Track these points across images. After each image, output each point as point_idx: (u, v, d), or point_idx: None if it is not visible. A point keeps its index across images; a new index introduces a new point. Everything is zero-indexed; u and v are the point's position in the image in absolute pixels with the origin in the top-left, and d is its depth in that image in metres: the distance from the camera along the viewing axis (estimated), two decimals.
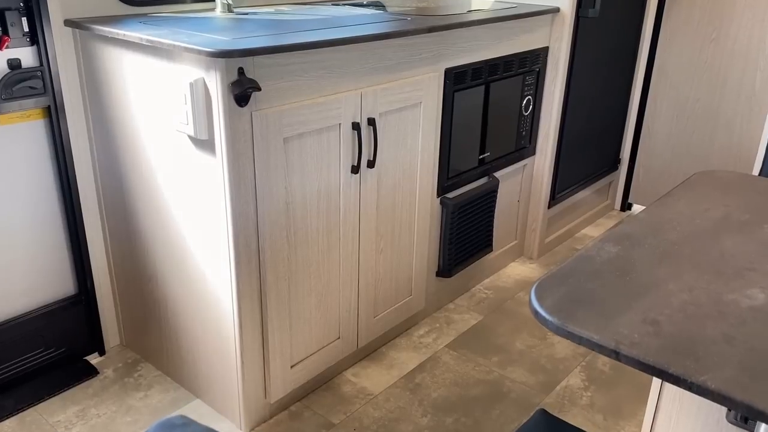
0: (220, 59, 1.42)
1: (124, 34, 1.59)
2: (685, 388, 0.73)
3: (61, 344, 1.98)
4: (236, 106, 1.47)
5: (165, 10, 1.96)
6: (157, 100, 1.62)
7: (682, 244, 1.03)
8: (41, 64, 1.72)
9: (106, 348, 2.09)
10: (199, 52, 1.41)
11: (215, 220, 1.60)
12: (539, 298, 0.87)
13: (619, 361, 0.77)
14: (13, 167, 1.76)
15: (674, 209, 1.16)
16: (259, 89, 1.47)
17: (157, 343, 1.98)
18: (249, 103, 1.49)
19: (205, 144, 1.53)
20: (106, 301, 2.06)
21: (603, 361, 2.12)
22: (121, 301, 2.07)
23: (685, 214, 1.15)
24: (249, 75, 1.47)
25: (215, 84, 1.45)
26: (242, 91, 1.45)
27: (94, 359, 2.05)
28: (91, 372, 1.98)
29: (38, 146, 1.80)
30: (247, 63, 1.46)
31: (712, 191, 1.25)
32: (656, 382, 1.29)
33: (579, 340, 0.80)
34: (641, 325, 0.82)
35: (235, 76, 1.45)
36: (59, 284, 1.94)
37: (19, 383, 1.90)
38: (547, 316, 0.83)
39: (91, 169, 1.92)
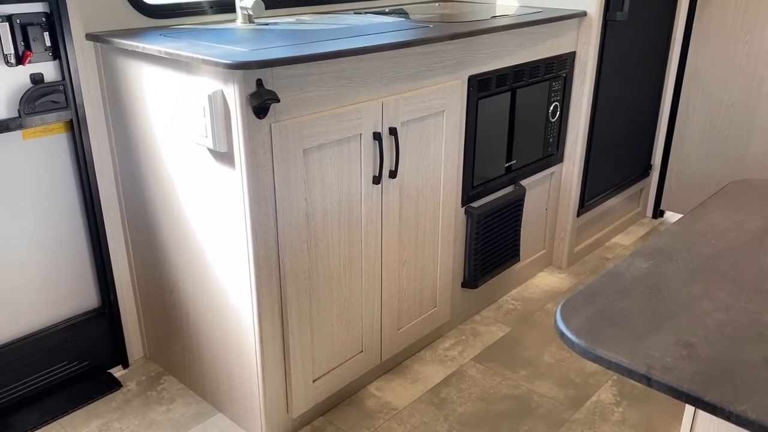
0: (238, 71, 1.40)
1: (144, 47, 1.58)
2: (722, 418, 0.68)
3: (84, 357, 1.98)
4: (255, 117, 1.45)
5: (186, 22, 1.95)
6: (176, 112, 1.61)
7: (718, 258, 0.98)
8: (63, 78, 1.73)
9: (130, 361, 2.09)
10: (217, 64, 1.40)
11: (235, 233, 1.58)
12: (565, 319, 0.82)
13: (651, 387, 0.73)
14: (36, 181, 1.77)
15: (708, 221, 1.11)
16: (278, 100, 1.45)
17: (179, 356, 1.97)
18: (268, 114, 1.47)
19: (225, 156, 1.52)
20: (130, 313, 2.06)
21: None
22: (144, 314, 2.06)
23: (720, 226, 1.09)
24: (268, 86, 1.45)
25: (234, 96, 1.43)
26: (261, 103, 1.43)
27: (117, 372, 2.05)
28: (115, 385, 1.98)
29: (61, 160, 1.80)
30: (265, 74, 1.44)
31: (749, 201, 1.19)
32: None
33: (608, 364, 0.75)
34: (674, 347, 0.77)
35: (253, 88, 1.43)
36: (83, 297, 1.95)
37: (44, 396, 1.90)
38: (574, 339, 0.78)
39: (113, 182, 1.92)
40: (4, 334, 1.81)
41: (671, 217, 3.22)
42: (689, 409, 1.24)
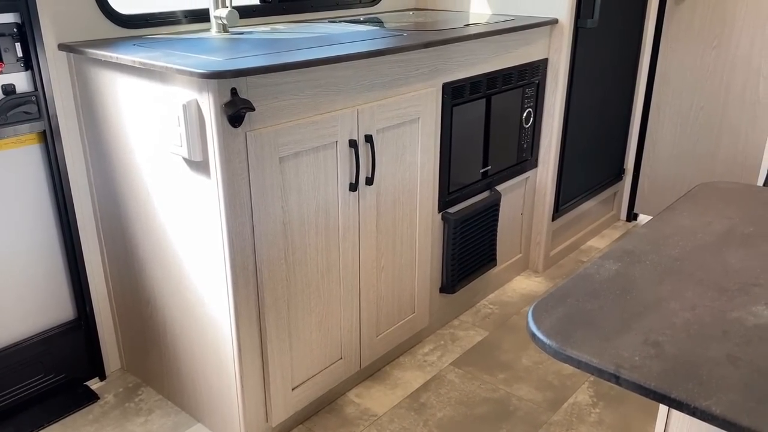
0: (212, 80, 1.41)
1: (117, 57, 1.58)
2: (688, 413, 0.70)
3: (60, 370, 1.96)
4: (230, 126, 1.45)
5: (160, 31, 1.95)
6: (151, 122, 1.61)
7: (685, 259, 1.00)
8: (36, 89, 1.72)
9: (107, 372, 2.07)
10: (191, 73, 1.40)
11: (211, 242, 1.58)
12: (537, 321, 0.84)
13: (620, 385, 0.74)
14: (9, 193, 1.75)
15: (676, 223, 1.13)
16: (253, 109, 1.46)
17: (157, 367, 1.96)
18: (243, 123, 1.47)
19: (200, 165, 1.52)
20: (106, 325, 2.04)
21: None
22: (121, 325, 2.05)
23: (687, 228, 1.12)
24: (243, 95, 1.46)
25: (208, 105, 1.43)
26: (236, 112, 1.43)
27: (94, 384, 2.03)
28: (92, 397, 1.96)
29: (34, 171, 1.79)
30: (240, 83, 1.45)
31: (716, 203, 1.22)
32: None
33: (578, 364, 0.77)
34: (642, 346, 0.79)
35: (228, 97, 1.43)
36: (58, 309, 1.93)
37: (19, 410, 1.88)
38: (545, 340, 0.80)
39: (88, 193, 1.91)
40: None
41: (644, 220, 3.27)
42: (663, 407, 1.26)
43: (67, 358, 1.96)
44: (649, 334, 0.81)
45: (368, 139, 1.78)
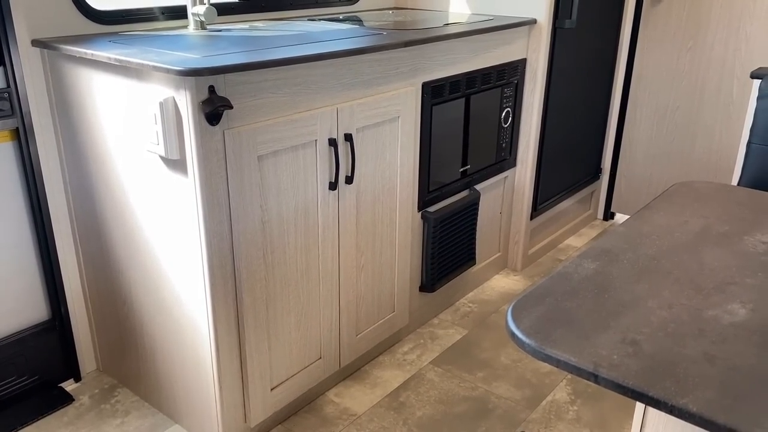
0: (189, 78, 1.39)
1: (92, 54, 1.55)
2: (665, 412, 0.70)
3: (34, 371, 1.92)
4: (207, 124, 1.44)
5: (136, 28, 1.93)
6: (127, 120, 1.59)
7: (661, 258, 1.01)
8: (8, 86, 1.68)
9: (82, 374, 2.04)
10: (168, 70, 1.38)
11: (189, 242, 1.56)
12: (516, 320, 0.84)
13: (598, 384, 0.75)
14: None
15: (653, 222, 1.15)
16: (231, 107, 1.45)
17: (134, 367, 1.93)
18: (221, 121, 1.46)
19: (177, 164, 1.50)
20: (81, 325, 2.01)
21: None
22: (96, 326, 2.02)
23: (663, 227, 1.13)
24: (220, 93, 1.44)
25: (185, 103, 1.42)
26: (213, 110, 1.42)
27: (69, 386, 2.00)
28: (67, 399, 1.93)
29: (6, 169, 1.75)
30: (218, 81, 1.43)
31: (691, 203, 1.24)
32: None
33: (557, 363, 0.77)
34: (620, 345, 0.79)
35: (205, 95, 1.42)
36: (31, 310, 1.89)
37: None
38: (525, 339, 0.80)
39: (63, 192, 1.87)
40: None
41: (621, 218, 3.31)
42: (640, 405, 1.28)
43: (42, 360, 1.93)
44: (627, 333, 0.82)
45: (348, 137, 1.77)
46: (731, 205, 1.23)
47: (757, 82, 1.74)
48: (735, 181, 1.83)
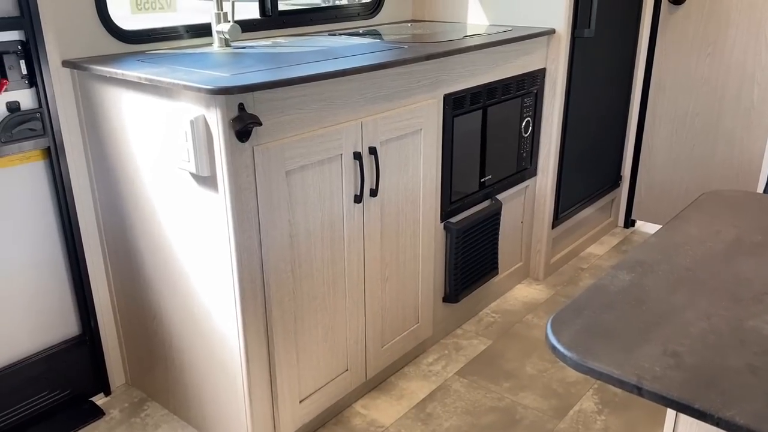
0: (220, 96, 1.41)
1: (123, 74, 1.58)
2: (711, 424, 0.71)
3: (66, 386, 1.95)
4: (237, 141, 1.46)
5: (162, 47, 1.96)
6: (157, 137, 1.62)
7: (696, 269, 1.02)
8: (40, 106, 1.72)
9: (112, 388, 2.06)
10: (199, 89, 1.41)
11: (219, 256, 1.58)
12: (556, 333, 0.85)
13: (642, 396, 0.75)
14: (14, 209, 1.75)
15: (685, 232, 1.15)
16: (260, 124, 1.47)
17: (163, 381, 1.95)
18: (250, 138, 1.48)
19: (207, 180, 1.52)
20: (111, 340, 2.04)
21: None
22: (125, 340, 2.04)
23: (696, 237, 1.13)
24: (249, 110, 1.47)
25: (216, 121, 1.44)
26: (243, 127, 1.44)
27: (99, 400, 2.02)
28: (97, 413, 1.95)
29: (39, 187, 1.79)
30: (247, 98, 1.46)
31: (722, 212, 1.24)
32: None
33: (599, 375, 0.78)
34: (662, 357, 0.80)
35: (235, 112, 1.44)
36: (63, 325, 1.92)
37: (26, 427, 1.87)
38: (566, 352, 0.81)
39: (93, 209, 1.91)
40: None
41: (642, 226, 3.30)
42: (670, 415, 1.27)
43: (72, 374, 1.96)
44: (668, 345, 0.82)
45: (372, 151, 1.79)
46: (762, 215, 1.23)
47: None
48: (761, 188, 1.82)
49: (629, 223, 3.28)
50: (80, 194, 1.86)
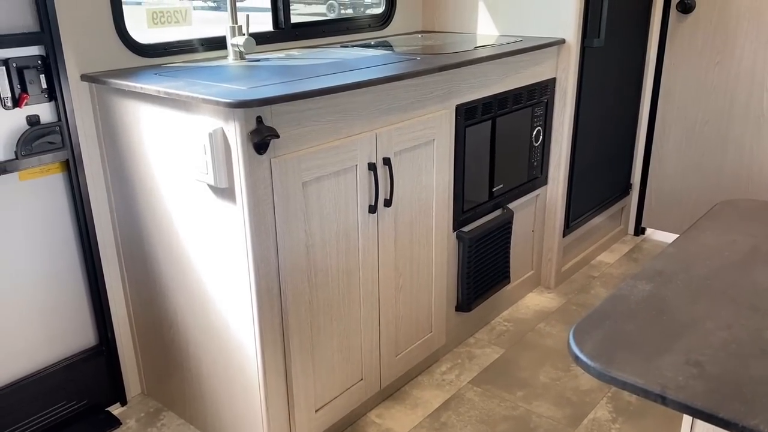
0: (238, 109, 1.43)
1: (142, 87, 1.61)
2: None
3: (83, 396, 1.97)
4: (255, 153, 1.48)
5: (177, 60, 1.99)
6: (174, 150, 1.64)
7: (714, 278, 1.03)
8: (59, 119, 1.75)
9: (128, 397, 2.08)
10: (218, 103, 1.43)
11: (237, 267, 1.60)
12: (578, 343, 0.86)
13: (666, 405, 0.76)
14: (33, 221, 1.77)
15: (701, 242, 1.16)
16: (278, 136, 1.49)
17: (179, 390, 1.97)
18: (268, 150, 1.50)
19: (225, 192, 1.54)
20: (127, 350, 2.05)
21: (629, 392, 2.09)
22: (141, 350, 2.06)
23: (712, 246, 1.14)
24: (267, 123, 1.49)
25: (234, 133, 1.46)
26: (261, 139, 1.46)
27: (116, 410, 2.04)
28: (114, 423, 1.97)
29: (57, 199, 1.81)
30: (265, 111, 1.48)
31: (737, 221, 1.25)
32: (687, 417, 1.27)
33: (623, 385, 0.79)
34: (684, 366, 0.81)
35: (253, 125, 1.46)
36: (80, 336, 1.94)
37: None
38: (589, 362, 0.82)
39: (109, 220, 1.93)
40: (2, 376, 1.79)
41: (652, 234, 3.30)
42: (686, 423, 1.28)
43: (89, 384, 1.97)
44: (690, 354, 0.83)
45: (386, 161, 1.80)
46: None
47: None
48: None
49: (639, 230, 3.29)
50: (97, 206, 1.89)
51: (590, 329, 0.89)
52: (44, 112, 1.72)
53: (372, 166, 1.76)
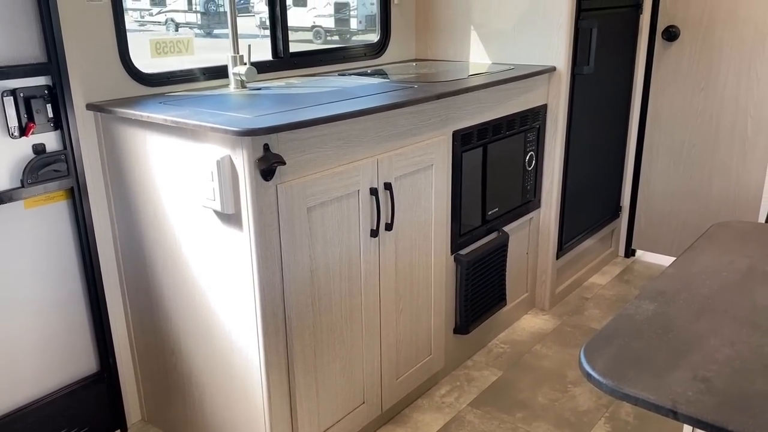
0: (246, 137, 1.47)
1: (149, 116, 1.64)
2: None
3: (83, 423, 1.96)
4: (262, 180, 1.51)
5: (180, 88, 2.02)
6: (180, 177, 1.67)
7: (715, 297, 1.07)
8: (65, 147, 1.77)
9: (128, 424, 2.07)
10: (226, 131, 1.46)
11: (242, 292, 1.62)
12: (590, 361, 0.89)
13: (677, 420, 0.80)
14: (37, 249, 1.78)
15: (700, 263, 1.20)
16: (284, 163, 1.52)
17: (180, 417, 1.97)
18: (274, 176, 1.53)
19: (232, 218, 1.57)
20: (128, 376, 2.05)
21: (626, 411, 2.12)
22: (142, 376, 2.06)
23: (711, 267, 1.19)
24: (274, 150, 1.52)
25: (242, 161, 1.49)
26: (268, 166, 1.49)
27: None
28: None
29: (61, 227, 1.83)
30: (271, 139, 1.51)
31: (732, 242, 1.30)
32: (687, 429, 1.30)
33: (635, 401, 0.82)
34: (693, 382, 0.84)
35: (261, 152, 1.50)
36: (81, 363, 1.94)
37: None
38: (602, 379, 0.85)
39: (113, 246, 1.94)
40: (4, 404, 1.79)
41: (642, 255, 3.36)
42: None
43: (90, 411, 1.97)
44: (697, 370, 0.87)
45: (387, 186, 1.84)
46: None
47: None
48: (761, 217, 1.89)
49: (630, 252, 3.34)
50: (101, 232, 1.90)
51: (600, 348, 0.93)
52: (50, 140, 1.74)
53: (374, 191, 1.80)
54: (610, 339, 0.95)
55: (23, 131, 1.69)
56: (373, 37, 2.71)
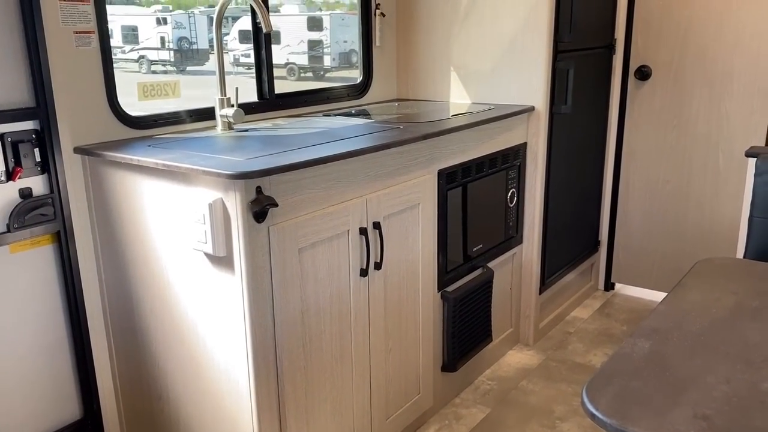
0: (239, 180, 1.48)
1: (139, 160, 1.64)
2: None
3: None
4: (255, 222, 1.52)
5: (167, 131, 2.03)
6: (170, 220, 1.66)
7: (707, 334, 1.10)
8: (52, 191, 1.76)
9: None
10: (219, 174, 1.47)
11: (233, 334, 1.61)
12: (593, 401, 0.91)
13: None
14: (22, 293, 1.76)
15: (689, 300, 1.24)
16: (277, 205, 1.53)
17: None
18: (266, 218, 1.54)
19: (223, 260, 1.57)
20: (112, 423, 2.01)
21: None
22: (127, 421, 2.02)
23: (699, 303, 1.22)
24: (266, 192, 1.53)
25: (234, 203, 1.50)
26: (261, 209, 1.50)
27: None
28: None
29: (46, 271, 1.80)
30: (264, 181, 1.53)
31: (717, 279, 1.34)
32: None
33: None
34: (694, 420, 0.86)
35: (253, 195, 1.51)
36: (65, 410, 1.90)
37: None
38: (606, 419, 0.87)
39: (98, 290, 1.92)
40: None
41: (621, 288, 3.41)
42: None
43: None
44: (696, 408, 0.89)
45: (376, 225, 1.86)
46: (754, 280, 1.33)
47: (752, 161, 1.88)
48: (739, 252, 1.94)
49: (609, 286, 3.39)
50: (87, 276, 1.88)
51: (601, 387, 0.94)
52: (37, 184, 1.73)
53: (363, 231, 1.82)
54: (610, 378, 0.97)
55: (10, 176, 1.68)
56: (347, 74, 2.76)
